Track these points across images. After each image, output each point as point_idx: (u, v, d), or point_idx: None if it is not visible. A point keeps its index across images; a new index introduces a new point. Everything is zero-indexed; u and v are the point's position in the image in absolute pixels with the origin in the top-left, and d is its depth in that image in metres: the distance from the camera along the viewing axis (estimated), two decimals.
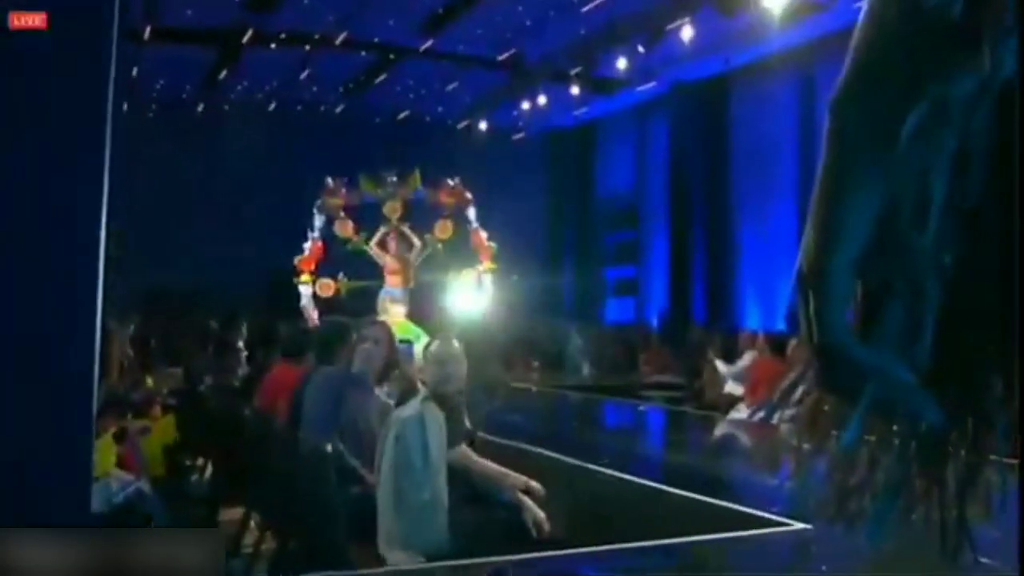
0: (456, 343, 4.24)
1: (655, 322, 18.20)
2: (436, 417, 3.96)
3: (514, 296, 14.79)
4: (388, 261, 11.59)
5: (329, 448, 3.99)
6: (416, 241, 11.77)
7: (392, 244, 11.65)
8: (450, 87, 17.45)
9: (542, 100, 17.40)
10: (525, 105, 17.99)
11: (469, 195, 12.14)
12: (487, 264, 12.09)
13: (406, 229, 11.81)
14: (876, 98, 1.06)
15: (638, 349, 15.97)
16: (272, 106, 18.54)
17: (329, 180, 11.92)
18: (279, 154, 17.48)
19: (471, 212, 12.09)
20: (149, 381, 7.50)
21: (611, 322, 19.48)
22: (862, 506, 1.15)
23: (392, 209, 11.83)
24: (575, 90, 17.01)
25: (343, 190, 11.92)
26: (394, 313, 11.17)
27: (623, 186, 20.23)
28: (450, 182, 12.13)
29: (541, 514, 3.95)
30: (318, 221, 11.90)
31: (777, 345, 9.29)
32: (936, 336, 1.06)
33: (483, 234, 12.09)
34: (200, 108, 18.18)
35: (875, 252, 1.06)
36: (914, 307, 1.07)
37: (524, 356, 16.78)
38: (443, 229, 11.90)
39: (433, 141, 17.81)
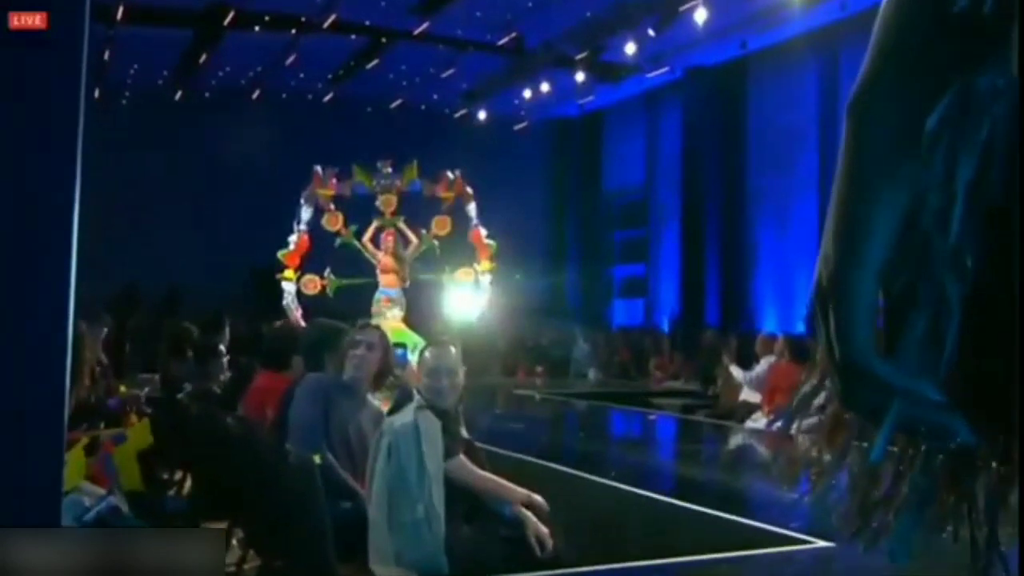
0: (453, 351, 4.24)
1: (666, 325, 18.20)
2: (432, 425, 3.96)
3: (515, 297, 14.79)
4: (382, 259, 11.50)
5: (318, 460, 3.99)
6: (412, 237, 11.67)
7: (388, 240, 11.53)
8: (446, 73, 17.45)
9: (545, 87, 17.40)
10: (527, 93, 17.99)
11: (470, 189, 12.05)
12: (485, 263, 12.02)
13: (401, 224, 11.71)
14: (900, 95, 1.06)
15: (648, 354, 15.98)
16: (255, 94, 18.56)
17: (318, 168, 11.85)
18: (263, 145, 17.46)
19: (471, 208, 12.01)
20: (123, 388, 7.49)
21: (619, 325, 19.50)
22: (886, 522, 1.15)
23: (387, 202, 11.73)
24: (580, 77, 17.00)
25: (333, 180, 11.85)
26: (390, 316, 11.13)
27: (632, 180, 20.24)
28: (450, 175, 12.04)
29: (544, 530, 3.95)
30: (305, 213, 11.80)
31: (797, 349, 9.27)
32: (961, 345, 1.06)
33: (483, 231, 12.01)
34: (178, 95, 18.19)
35: (898, 259, 1.07)
36: (938, 316, 1.07)
37: (526, 362, 16.80)
38: (441, 225, 11.81)
39: (428, 131, 17.83)
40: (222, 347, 7.29)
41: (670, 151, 18.65)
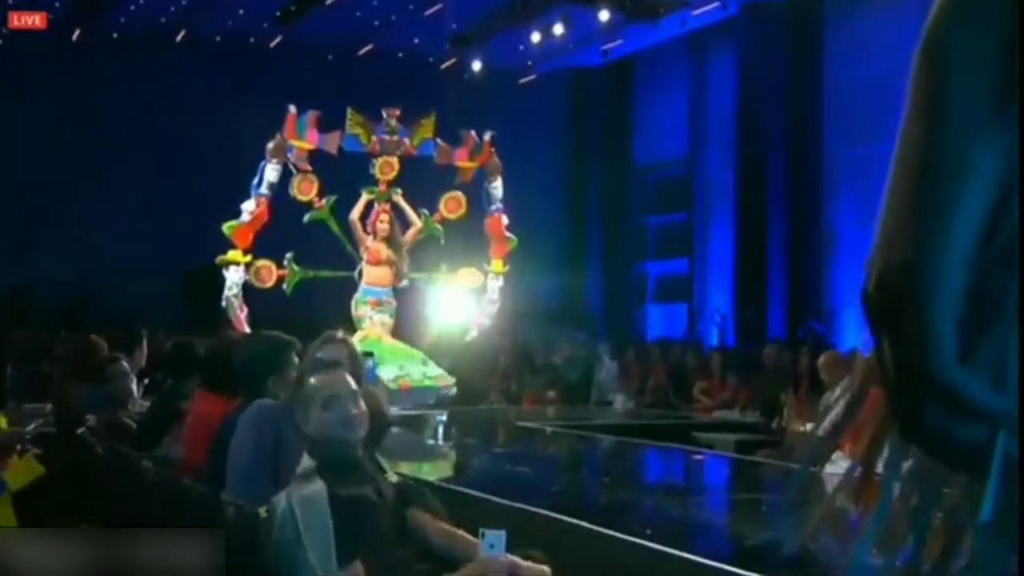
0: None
1: (715, 337, 18.20)
2: (315, 508, 3.84)
3: (521, 302, 14.74)
4: (371, 246, 10.85)
5: (263, 514, 3.96)
6: (414, 219, 11.13)
7: (382, 220, 10.90)
8: (430, 11, 17.44)
9: (558, 29, 17.38)
10: (535, 36, 17.98)
11: (498, 160, 11.59)
12: (498, 264, 11.57)
13: (400, 199, 11.16)
14: (999, 25, 1.04)
15: (692, 375, 15.96)
16: (180, 35, 18.52)
17: (292, 109, 11.12)
18: (190, 103, 17.46)
19: (496, 185, 11.54)
20: (2, 422, 7.47)
21: (654, 337, 19.50)
22: None
23: (385, 167, 11.09)
24: (604, 15, 17.00)
25: (313, 130, 11.11)
26: (377, 322, 10.72)
27: (671, 149, 20.24)
28: (475, 136, 11.55)
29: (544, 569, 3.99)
30: (270, 172, 10.91)
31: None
32: None
33: (505, 221, 11.57)
34: (75, 35, 18.10)
35: (988, 247, 1.06)
36: None
37: (534, 385, 16.77)
38: (454, 205, 11.29)
39: (406, 86, 17.80)
40: (131, 366, 7.26)
41: (722, 111, 18.63)
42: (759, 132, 17.51)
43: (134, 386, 7.21)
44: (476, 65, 19.23)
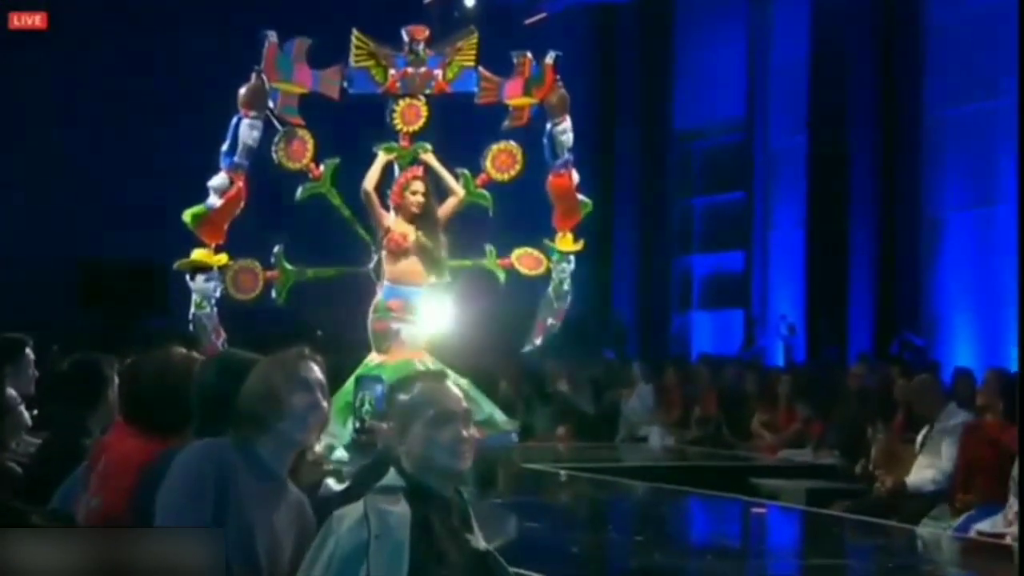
0: (457, 382, 4.23)
1: (780, 355, 18.21)
2: (397, 528, 3.92)
3: (526, 308, 14.71)
4: (395, 228, 10.03)
5: None
6: (455, 186, 10.28)
7: (411, 188, 10.04)
8: None
9: None
10: None
11: (565, 92, 10.67)
12: (567, 241, 10.76)
13: (431, 157, 10.28)
14: None
15: (750, 403, 15.98)
16: None
17: (272, 36, 10.13)
18: (105, 48, 17.47)
19: (564, 128, 10.55)
20: None
21: (700, 353, 19.52)
22: None
23: (411, 112, 10.16)
24: None
25: (303, 65, 10.27)
26: (405, 337, 9.91)
27: (724, 108, 20.32)
28: (531, 59, 10.58)
29: None
30: (247, 130, 9.87)
31: (1012, 398, 9.24)
32: None
33: (576, 178, 10.72)
34: None
35: None
36: None
37: (545, 416, 16.78)
38: (507, 161, 10.27)
39: (379, 25, 17.75)
40: (14, 391, 7.22)
41: (790, 60, 18.66)
42: (838, 87, 17.52)
43: (24, 419, 7.17)
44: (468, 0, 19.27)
